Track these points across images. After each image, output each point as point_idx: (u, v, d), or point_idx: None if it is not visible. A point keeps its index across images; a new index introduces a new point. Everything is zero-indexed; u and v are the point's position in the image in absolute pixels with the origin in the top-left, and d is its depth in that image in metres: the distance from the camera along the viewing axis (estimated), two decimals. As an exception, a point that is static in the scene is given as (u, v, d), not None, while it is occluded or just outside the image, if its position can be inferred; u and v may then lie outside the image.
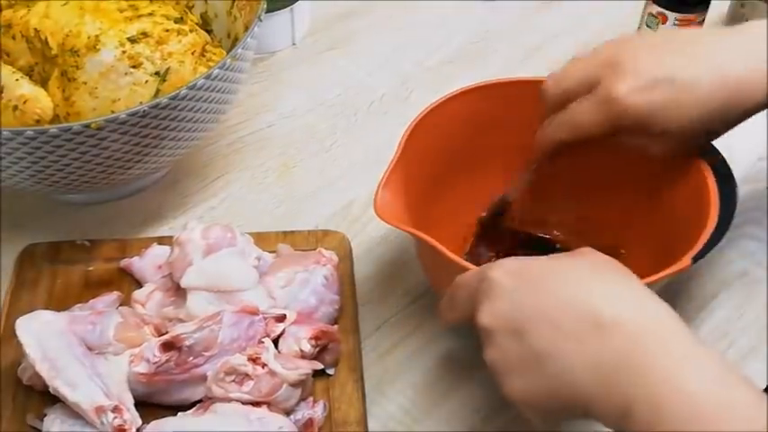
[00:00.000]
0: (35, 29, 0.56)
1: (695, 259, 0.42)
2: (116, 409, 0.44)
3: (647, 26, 0.76)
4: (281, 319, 0.50)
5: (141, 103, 0.53)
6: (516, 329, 0.36)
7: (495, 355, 0.37)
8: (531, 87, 0.51)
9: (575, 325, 0.34)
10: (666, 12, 0.73)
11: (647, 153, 0.46)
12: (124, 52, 0.54)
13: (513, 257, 0.39)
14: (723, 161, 0.48)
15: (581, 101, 0.45)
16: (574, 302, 0.35)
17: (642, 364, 0.32)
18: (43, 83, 0.56)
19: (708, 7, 0.74)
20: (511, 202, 0.57)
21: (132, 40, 0.54)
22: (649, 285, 0.37)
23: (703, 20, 0.75)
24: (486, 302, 0.37)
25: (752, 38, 0.44)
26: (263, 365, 0.46)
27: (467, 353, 0.53)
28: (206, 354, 0.47)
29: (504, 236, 0.58)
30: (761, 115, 0.66)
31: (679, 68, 0.44)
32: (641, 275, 0.38)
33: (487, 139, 0.55)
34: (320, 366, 0.49)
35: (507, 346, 0.36)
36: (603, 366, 0.33)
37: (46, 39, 0.55)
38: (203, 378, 0.47)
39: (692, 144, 0.46)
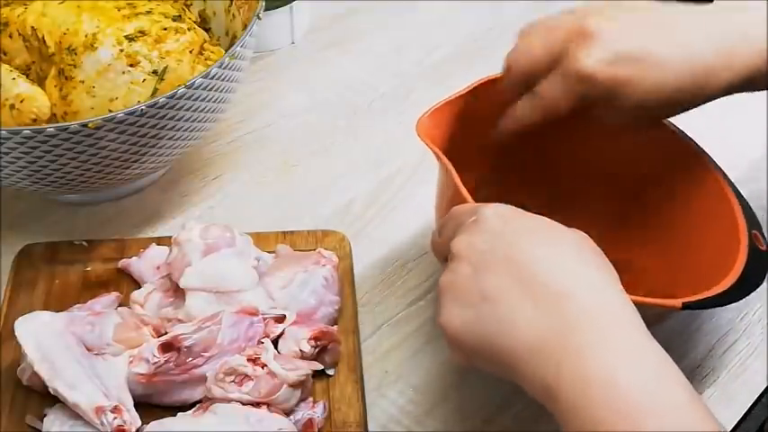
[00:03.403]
0: (32, 27, 0.55)
1: (687, 307, 0.42)
2: (115, 410, 0.44)
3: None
4: (281, 319, 0.49)
5: (139, 102, 0.53)
6: (479, 266, 0.36)
7: (448, 279, 0.37)
8: None
9: (535, 285, 0.35)
10: (667, 10, 0.73)
11: (605, 122, 0.46)
12: (122, 51, 0.53)
13: (511, 206, 0.39)
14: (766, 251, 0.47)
15: (549, 79, 0.45)
16: (544, 265, 0.35)
17: (581, 342, 0.33)
18: (40, 82, 0.56)
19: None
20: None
21: (130, 39, 0.54)
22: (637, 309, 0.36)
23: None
24: (466, 233, 0.38)
25: (724, 18, 0.44)
26: (263, 366, 0.46)
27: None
28: (205, 354, 0.46)
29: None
30: (761, 115, 0.67)
31: (649, 44, 0.44)
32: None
33: (538, 140, 0.53)
34: (320, 367, 0.49)
35: (463, 276, 0.37)
36: (545, 332, 0.33)
37: (43, 37, 0.55)
38: (203, 379, 0.47)
39: (652, 117, 0.46)
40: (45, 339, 0.46)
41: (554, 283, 0.34)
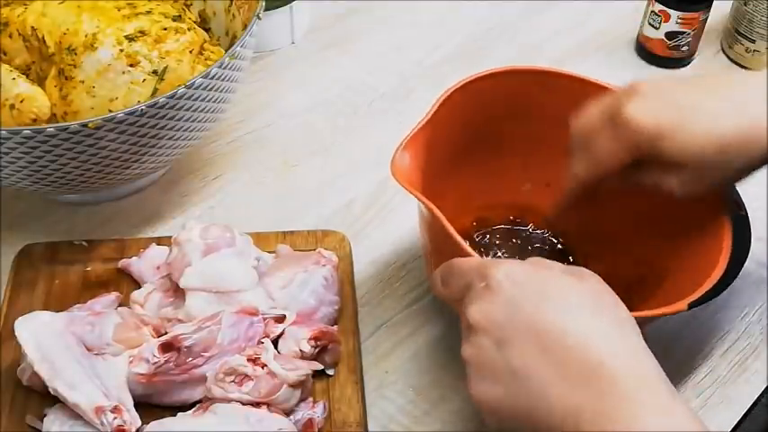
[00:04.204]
0: (32, 27, 0.55)
1: (691, 306, 0.42)
2: (115, 410, 0.44)
3: (650, 24, 0.76)
4: (281, 319, 0.49)
5: (139, 102, 0.53)
6: (501, 338, 0.36)
7: (472, 353, 0.37)
8: (566, 80, 0.51)
9: (561, 354, 0.34)
10: (669, 10, 0.73)
11: (665, 190, 0.45)
12: (122, 51, 0.53)
13: (519, 262, 0.38)
14: (745, 215, 0.48)
15: (601, 134, 0.45)
16: (566, 332, 0.35)
17: (614, 404, 0.33)
18: (40, 82, 0.56)
19: (710, 6, 0.73)
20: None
21: (130, 39, 0.54)
22: (644, 319, 0.36)
23: (706, 18, 0.74)
24: (480, 301, 0.37)
25: None
26: (263, 366, 0.46)
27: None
28: (205, 354, 0.47)
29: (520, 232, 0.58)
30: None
31: (697, 97, 0.43)
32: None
33: (514, 126, 0.54)
34: (320, 367, 0.49)
35: (487, 350, 0.36)
36: (578, 400, 0.33)
37: (43, 37, 0.55)
38: (203, 379, 0.47)
39: (709, 184, 0.45)
40: (45, 339, 0.46)
41: (580, 351, 0.34)
